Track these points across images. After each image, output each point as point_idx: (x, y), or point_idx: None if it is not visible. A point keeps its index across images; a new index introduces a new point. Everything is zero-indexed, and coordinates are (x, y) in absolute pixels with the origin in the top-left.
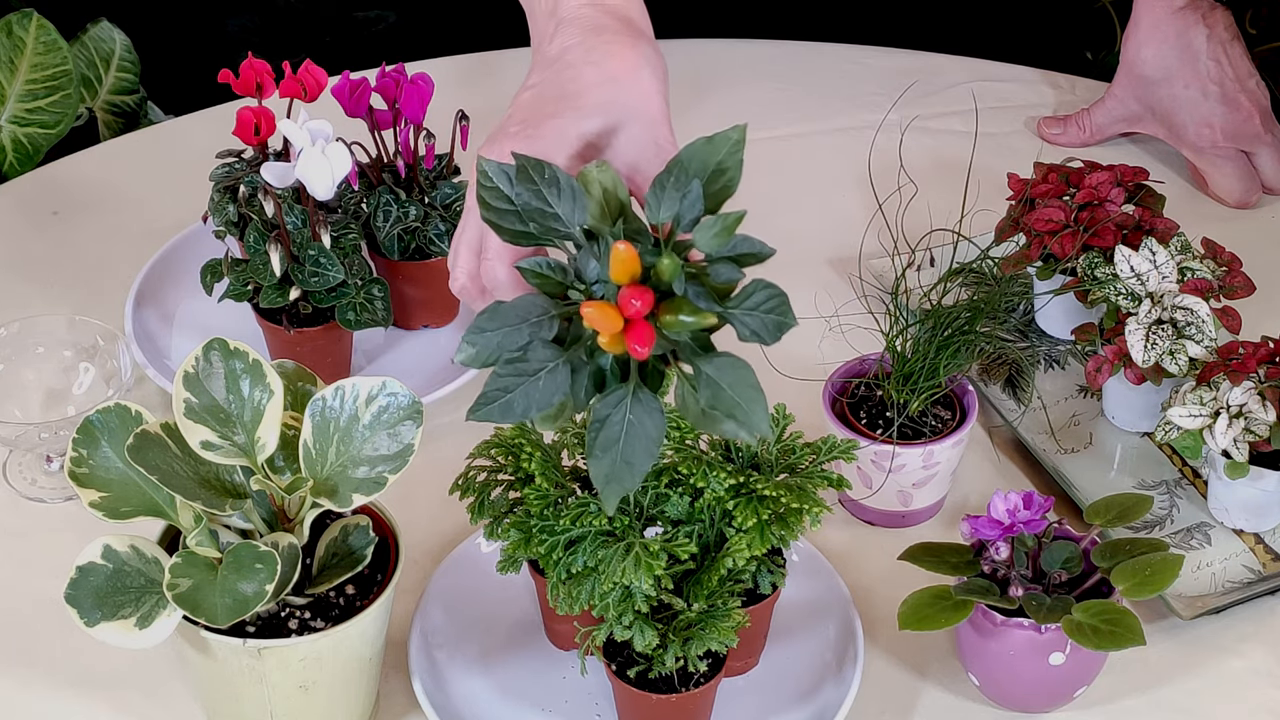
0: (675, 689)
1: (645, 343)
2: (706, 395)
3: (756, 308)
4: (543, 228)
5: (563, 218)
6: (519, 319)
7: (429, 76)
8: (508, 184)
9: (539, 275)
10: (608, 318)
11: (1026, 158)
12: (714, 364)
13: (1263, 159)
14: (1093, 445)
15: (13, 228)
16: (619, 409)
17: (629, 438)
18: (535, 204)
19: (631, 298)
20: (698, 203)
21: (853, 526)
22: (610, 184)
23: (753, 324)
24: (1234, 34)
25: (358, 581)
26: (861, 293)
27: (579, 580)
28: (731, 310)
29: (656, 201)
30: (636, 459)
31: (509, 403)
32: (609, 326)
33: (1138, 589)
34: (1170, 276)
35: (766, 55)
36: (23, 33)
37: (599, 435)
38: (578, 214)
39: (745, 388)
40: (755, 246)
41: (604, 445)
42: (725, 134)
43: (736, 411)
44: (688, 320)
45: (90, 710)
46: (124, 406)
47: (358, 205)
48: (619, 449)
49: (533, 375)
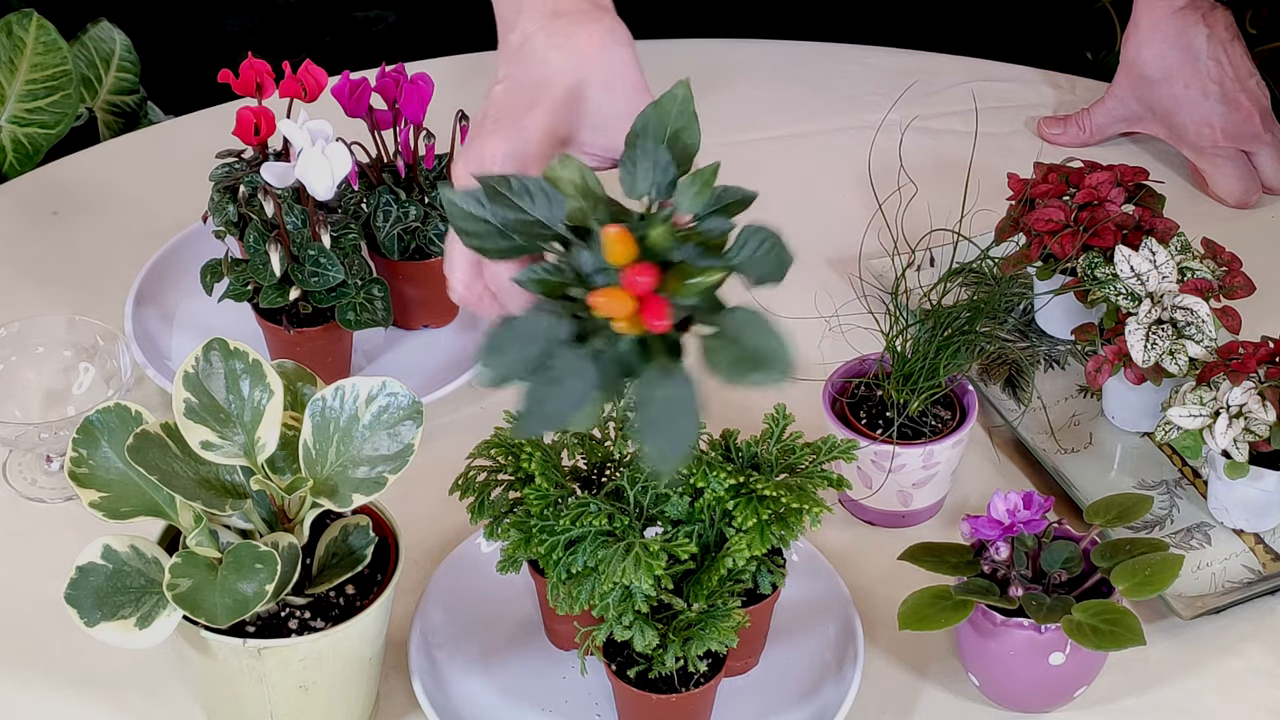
0: (675, 689)
1: (661, 315)
2: (730, 352)
3: (755, 252)
4: (527, 236)
5: (544, 221)
6: (530, 330)
7: (429, 76)
8: (478, 206)
9: (538, 281)
10: (619, 302)
11: (1026, 158)
12: (730, 319)
13: (1263, 159)
14: (1093, 445)
15: (13, 228)
16: (655, 387)
17: (672, 413)
18: (513, 216)
19: (635, 275)
20: (669, 168)
21: (853, 526)
22: (578, 175)
23: (756, 269)
24: (1234, 34)
25: (358, 581)
26: (861, 293)
27: (579, 580)
28: (733, 261)
29: (630, 177)
30: (684, 431)
31: (545, 413)
32: (622, 310)
33: (1138, 589)
34: (1170, 276)
35: (766, 55)
36: (23, 33)
37: (643, 418)
38: (556, 213)
39: (766, 335)
40: (738, 193)
41: (650, 426)
42: (671, 94)
43: (762, 360)
44: (695, 282)
45: (90, 710)
46: (124, 406)
47: (358, 205)
48: (665, 426)
49: (560, 380)
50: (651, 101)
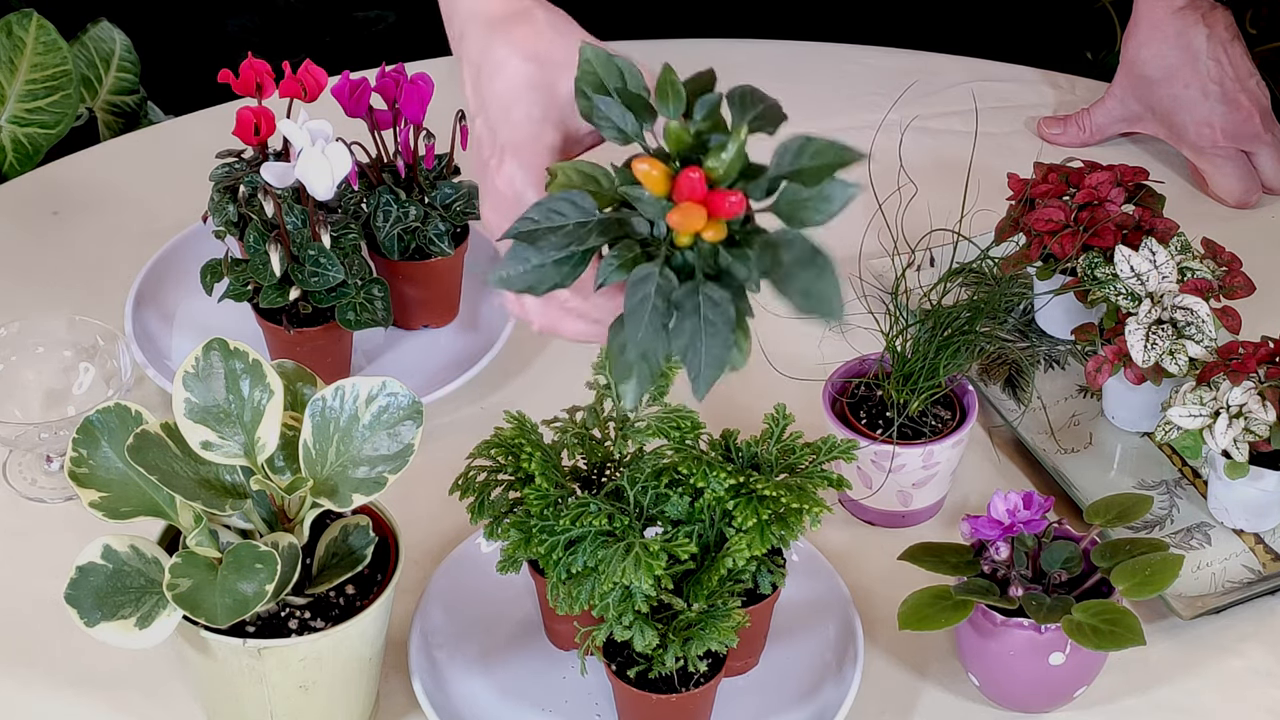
0: (675, 689)
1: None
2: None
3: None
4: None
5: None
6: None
7: (429, 76)
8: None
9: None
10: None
11: (1026, 158)
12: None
13: (1263, 159)
14: (1093, 445)
15: (13, 228)
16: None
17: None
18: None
19: (686, 185)
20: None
21: (853, 526)
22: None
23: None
24: (1234, 34)
25: (358, 581)
26: (861, 293)
27: (579, 580)
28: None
29: (606, 123)
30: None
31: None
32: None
33: (1138, 589)
34: (1170, 276)
35: (766, 55)
36: (23, 33)
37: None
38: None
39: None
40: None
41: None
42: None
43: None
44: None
45: (90, 710)
46: (124, 406)
47: (358, 205)
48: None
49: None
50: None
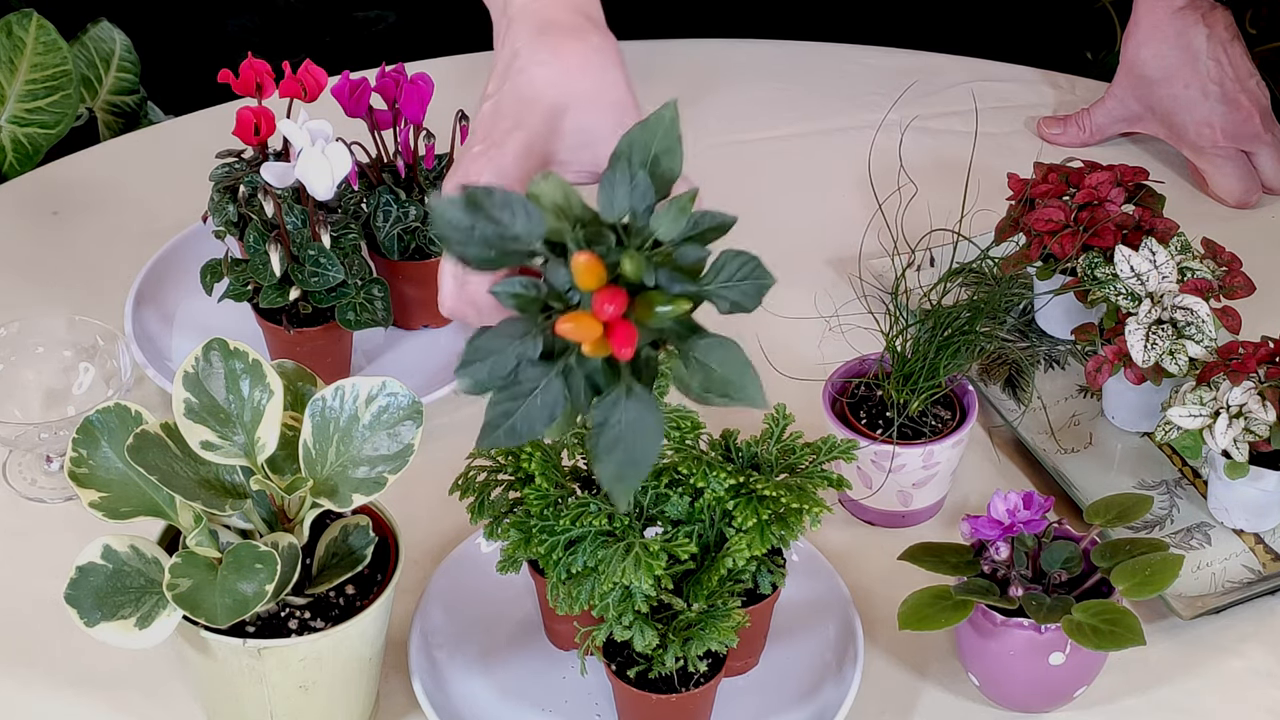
0: (675, 689)
1: (627, 343)
2: (699, 378)
3: (732, 278)
4: (502, 251)
5: (521, 236)
6: (504, 343)
7: (429, 76)
8: (461, 216)
9: (514, 295)
10: (585, 327)
11: (1026, 158)
12: (701, 347)
13: (1263, 159)
14: (1093, 445)
15: (13, 228)
16: (616, 409)
17: (631, 435)
18: (492, 229)
19: (604, 302)
20: (648, 192)
21: (853, 526)
22: (560, 193)
23: (731, 295)
24: (1234, 34)
25: (358, 581)
26: (861, 293)
27: (579, 580)
28: (708, 287)
29: (608, 199)
30: (642, 455)
31: (511, 427)
32: (589, 335)
33: (1138, 589)
34: (1170, 276)
35: (766, 55)
36: (23, 33)
37: (601, 438)
38: (535, 229)
39: (735, 365)
40: (716, 220)
41: (608, 447)
42: (658, 115)
43: (730, 389)
44: (664, 311)
45: (90, 710)
46: (124, 406)
47: (358, 205)
48: (623, 448)
49: (528, 396)
50: (638, 122)
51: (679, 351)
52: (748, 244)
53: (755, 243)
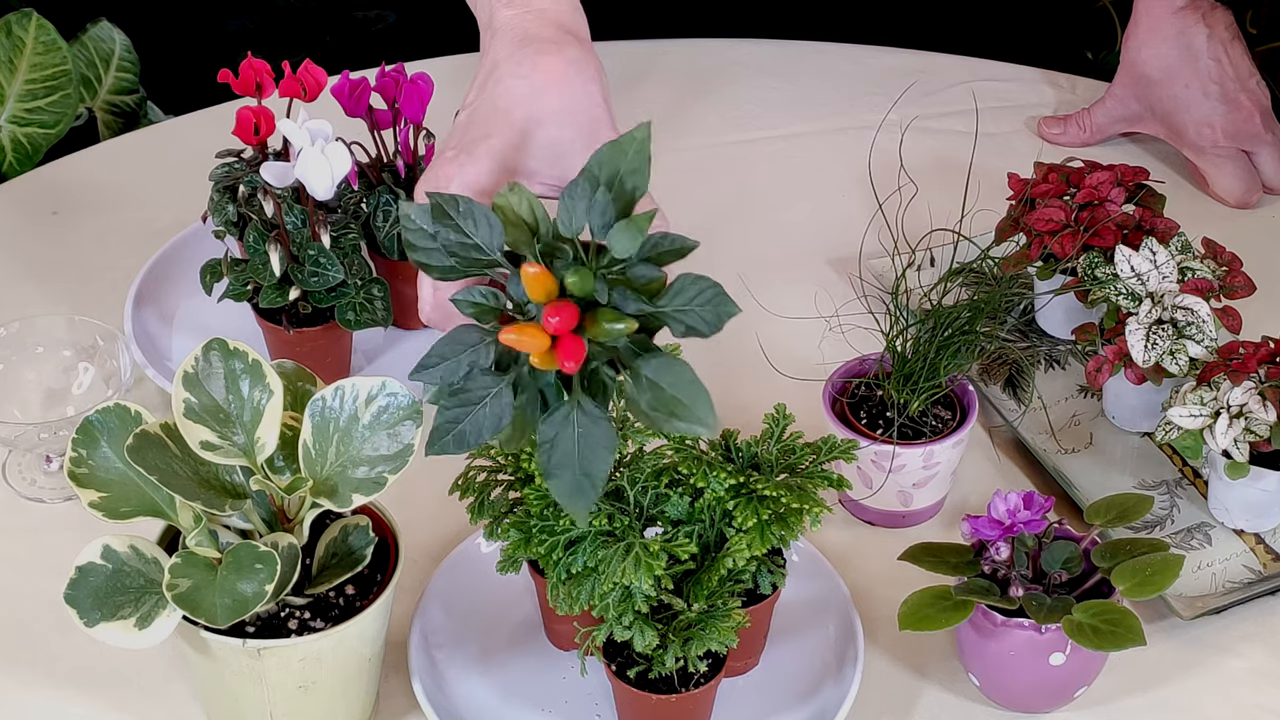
0: (675, 689)
1: (574, 357)
2: (647, 397)
3: (690, 302)
4: (464, 259)
5: (482, 246)
6: (457, 350)
7: (429, 76)
8: (428, 221)
9: (473, 304)
10: (532, 338)
11: (1026, 158)
12: (651, 365)
13: (1263, 159)
14: (1093, 445)
15: (12, 228)
16: (566, 425)
17: (582, 451)
18: (455, 237)
19: (551, 315)
20: (607, 209)
21: (853, 526)
22: (525, 205)
23: (687, 319)
24: (1234, 33)
25: (358, 581)
26: (861, 293)
27: (579, 580)
28: (663, 309)
29: (567, 214)
30: (594, 469)
31: (460, 434)
32: (535, 346)
33: (1138, 589)
34: (1171, 276)
35: (766, 55)
36: (22, 33)
37: (552, 455)
38: (496, 240)
39: (684, 384)
40: (676, 242)
41: (560, 463)
42: (630, 135)
43: (678, 409)
44: (612, 328)
45: (90, 710)
46: (123, 406)
47: (358, 205)
48: (575, 464)
49: (477, 403)
50: (609, 141)
51: (629, 370)
52: (748, 244)
53: (755, 243)
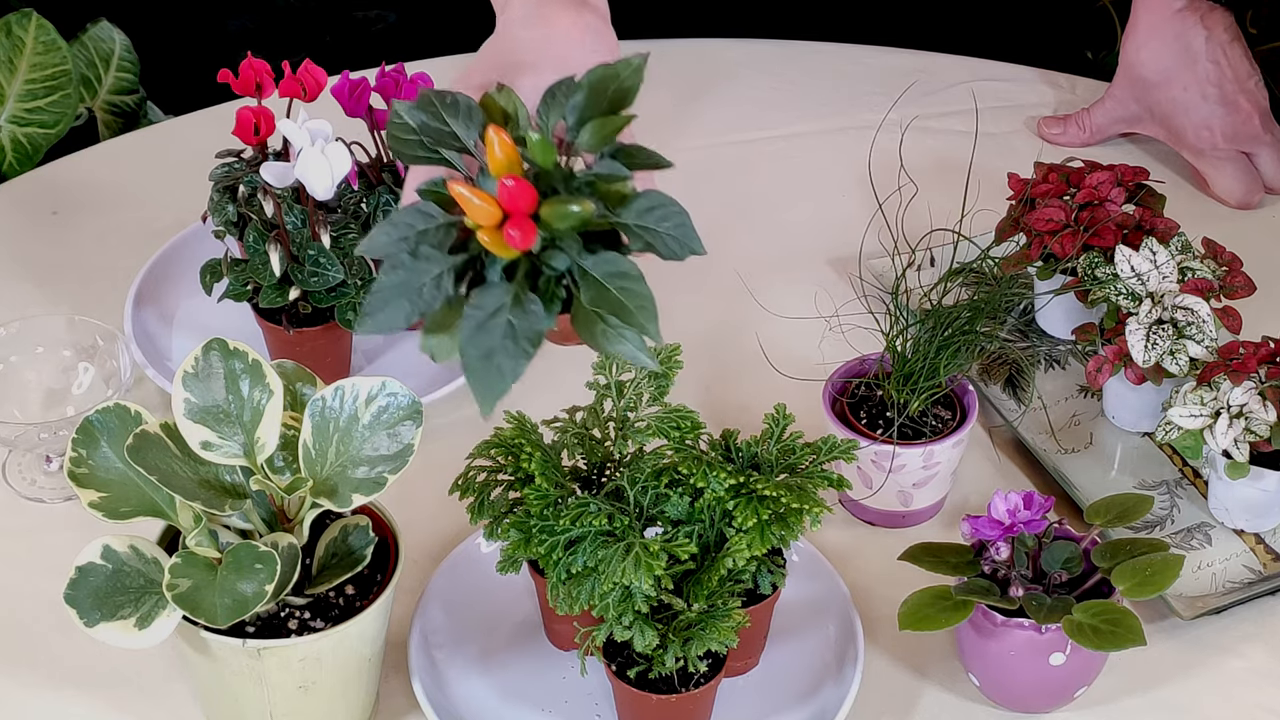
0: (675, 689)
1: (522, 230)
2: (590, 295)
3: (655, 220)
4: (436, 142)
5: (458, 134)
6: (407, 227)
7: (429, 76)
8: (414, 116)
9: (433, 191)
10: (483, 204)
11: (1026, 158)
12: (600, 262)
13: (1263, 159)
14: (1093, 445)
15: (12, 228)
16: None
17: (506, 339)
18: (434, 125)
19: (505, 180)
20: (584, 109)
21: (853, 526)
22: (510, 105)
23: (648, 236)
24: (1234, 35)
25: (357, 581)
26: (861, 293)
27: (579, 580)
28: (624, 219)
29: (545, 110)
30: (510, 363)
31: (393, 311)
32: (484, 216)
33: (1138, 589)
34: (1171, 276)
35: (766, 55)
36: (22, 33)
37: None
38: (473, 131)
39: (629, 286)
40: (649, 155)
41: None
42: (627, 60)
43: (620, 311)
44: (567, 210)
45: (90, 710)
46: (123, 406)
47: (357, 205)
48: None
49: (416, 283)
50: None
51: (576, 266)
52: (748, 244)
53: (755, 243)
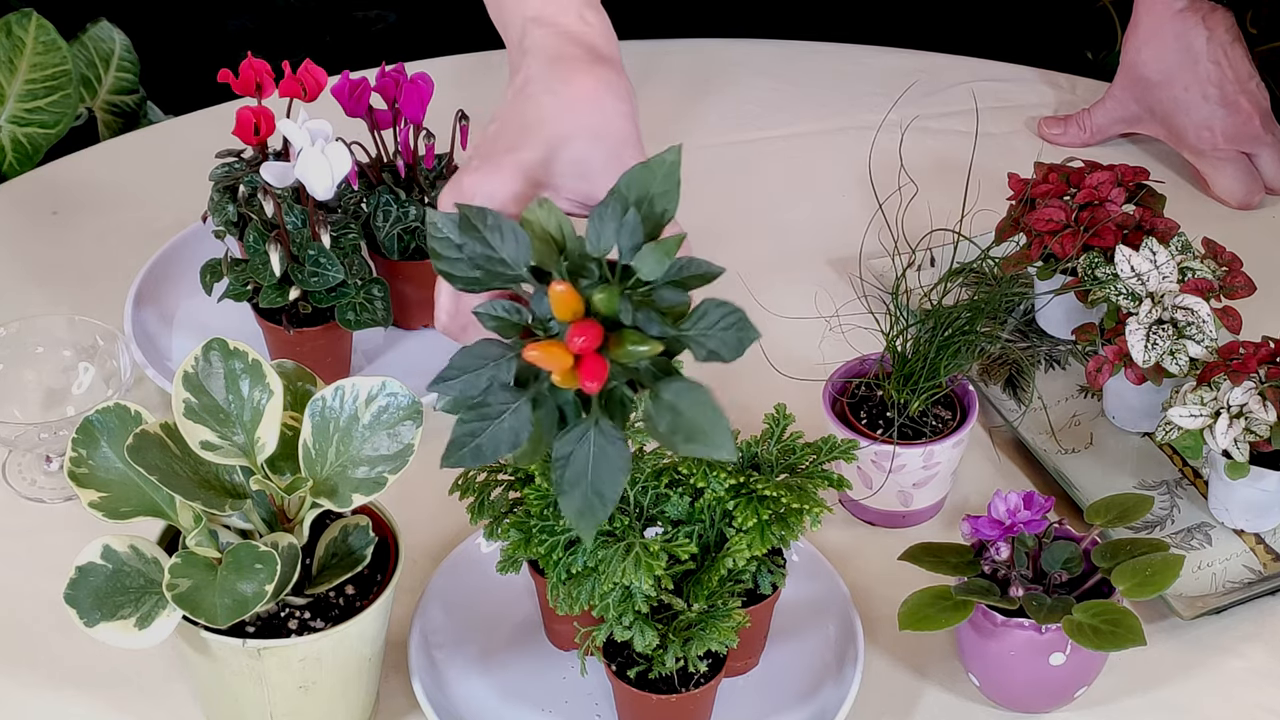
0: (675, 689)
1: (596, 377)
2: (666, 420)
3: (713, 327)
4: (489, 273)
5: (508, 260)
6: (478, 364)
7: (429, 76)
8: (455, 231)
9: (495, 318)
10: (555, 357)
11: (1026, 158)
12: (671, 389)
13: (1264, 160)
14: (1093, 445)
15: (12, 228)
16: (582, 444)
17: (596, 470)
18: (481, 250)
19: (576, 334)
20: (636, 231)
21: (853, 526)
22: (553, 221)
23: (710, 344)
24: (1235, 35)
25: (358, 581)
26: (861, 293)
27: (579, 580)
28: (686, 333)
29: (595, 233)
30: (606, 489)
31: (477, 448)
32: (558, 365)
33: (1138, 589)
34: (1171, 276)
35: (766, 55)
36: (22, 33)
37: (565, 472)
38: (522, 255)
39: (704, 410)
40: (702, 268)
41: (572, 481)
42: (660, 157)
43: (698, 435)
44: (636, 350)
45: (90, 710)
46: (123, 406)
47: (358, 205)
48: (588, 483)
49: (496, 418)
50: (639, 163)
51: (649, 392)
52: (748, 244)
53: (755, 243)
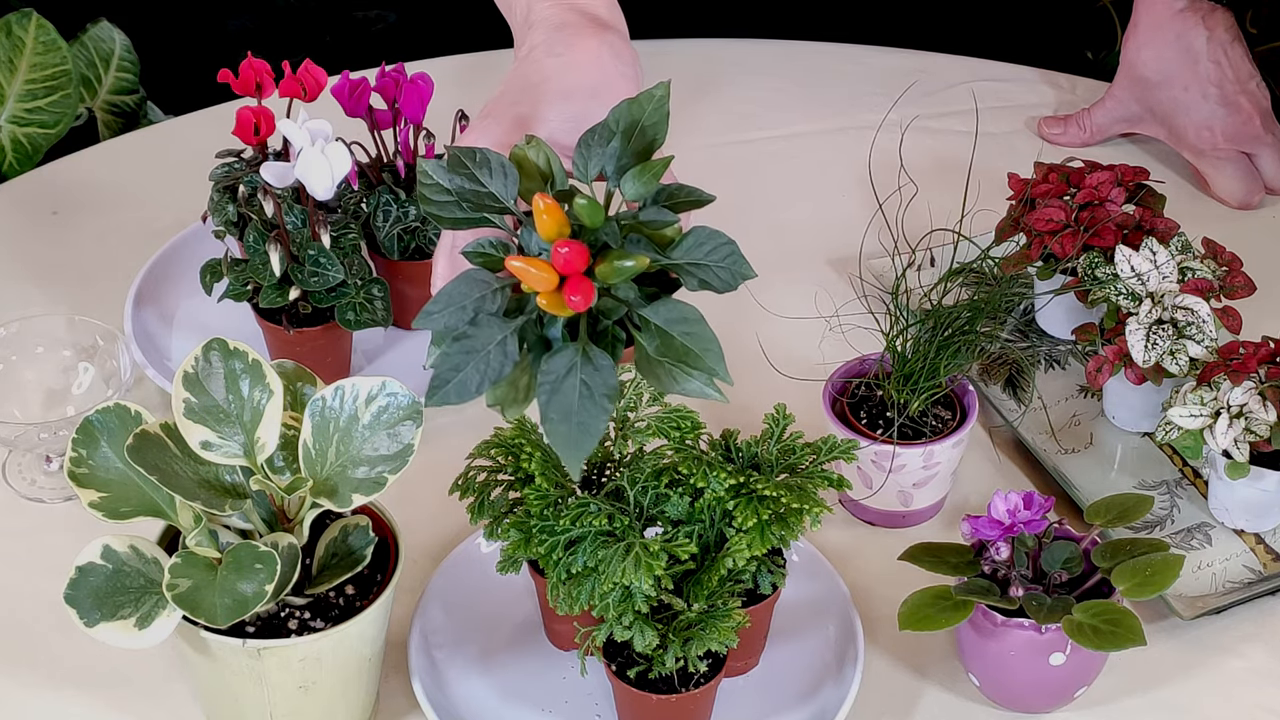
0: (675, 689)
1: (582, 293)
2: (656, 344)
3: (705, 256)
4: (477, 206)
5: (496, 194)
6: (463, 297)
7: (429, 76)
8: (445, 176)
9: (481, 254)
10: (540, 272)
11: (1026, 158)
12: (660, 310)
13: (1264, 160)
14: (1093, 445)
15: (12, 228)
16: (569, 370)
17: (583, 398)
18: (469, 186)
19: (560, 247)
20: (622, 156)
21: (853, 526)
22: (543, 158)
23: (700, 272)
24: (1235, 35)
25: (357, 581)
26: (861, 293)
27: (579, 580)
28: (677, 260)
29: (583, 160)
30: (592, 420)
31: (463, 381)
32: (542, 282)
33: (1138, 589)
34: (1171, 276)
35: (766, 55)
36: (22, 33)
37: (551, 399)
38: (510, 189)
39: (695, 332)
40: (692, 193)
41: (558, 409)
42: (649, 92)
43: (688, 358)
44: (622, 266)
45: (90, 710)
46: (123, 406)
47: (358, 205)
48: (574, 412)
49: (481, 350)
50: (627, 98)
51: (639, 317)
52: (748, 244)
53: (755, 243)
